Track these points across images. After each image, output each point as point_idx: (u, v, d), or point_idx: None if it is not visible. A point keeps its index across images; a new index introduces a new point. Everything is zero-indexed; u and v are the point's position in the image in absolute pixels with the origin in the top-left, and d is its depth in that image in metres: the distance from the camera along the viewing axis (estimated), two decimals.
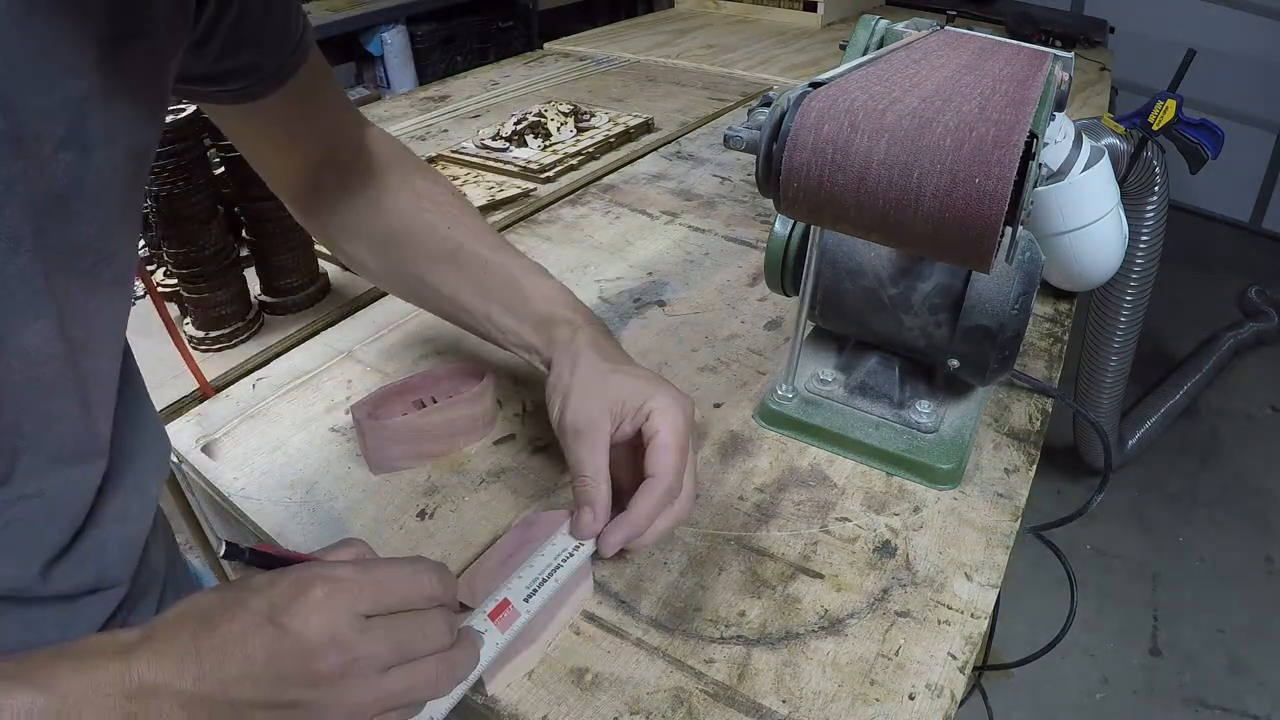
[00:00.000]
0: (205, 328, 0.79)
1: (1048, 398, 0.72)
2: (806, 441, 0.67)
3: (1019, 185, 0.40)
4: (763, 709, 0.47)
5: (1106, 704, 1.51)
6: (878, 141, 0.43)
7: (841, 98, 0.45)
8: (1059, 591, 0.74)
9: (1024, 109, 0.45)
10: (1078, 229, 0.76)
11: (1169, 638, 1.63)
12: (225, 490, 0.63)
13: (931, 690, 0.48)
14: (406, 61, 3.12)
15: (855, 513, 0.60)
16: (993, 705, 1.15)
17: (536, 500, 0.62)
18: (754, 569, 0.56)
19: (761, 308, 0.85)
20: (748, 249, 0.97)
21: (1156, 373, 2.23)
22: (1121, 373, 1.68)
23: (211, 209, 0.75)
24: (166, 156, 0.70)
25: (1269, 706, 1.50)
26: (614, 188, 1.14)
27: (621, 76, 1.64)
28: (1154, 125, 1.04)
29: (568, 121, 1.28)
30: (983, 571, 0.55)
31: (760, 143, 0.47)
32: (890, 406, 0.66)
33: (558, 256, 0.95)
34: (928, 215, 0.43)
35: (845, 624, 0.52)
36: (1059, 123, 0.73)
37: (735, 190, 1.13)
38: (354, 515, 0.60)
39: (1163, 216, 1.38)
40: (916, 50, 0.60)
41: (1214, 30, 2.91)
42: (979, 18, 2.05)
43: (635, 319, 0.84)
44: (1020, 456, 0.66)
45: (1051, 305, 0.86)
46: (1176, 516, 1.91)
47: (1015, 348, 0.61)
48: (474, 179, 1.13)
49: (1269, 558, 1.80)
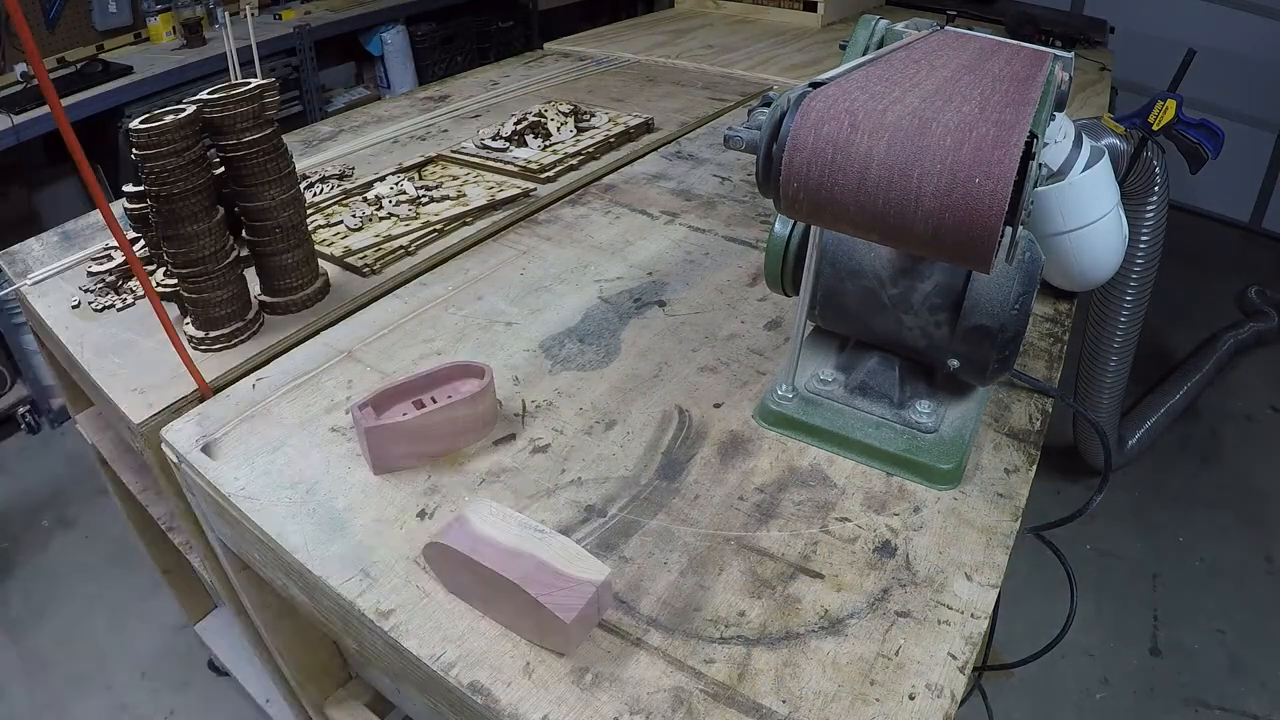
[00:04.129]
0: (205, 328, 0.79)
1: (1048, 398, 0.72)
2: (806, 441, 0.67)
3: (1019, 185, 0.40)
4: (763, 709, 0.47)
5: (1106, 704, 1.51)
6: (878, 141, 0.43)
7: (841, 98, 0.45)
8: (1059, 591, 0.74)
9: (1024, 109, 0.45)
10: (1078, 229, 0.76)
11: (1169, 638, 1.63)
12: (225, 490, 0.63)
13: (931, 690, 0.48)
14: (406, 61, 3.12)
15: (855, 513, 0.60)
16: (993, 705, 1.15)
17: (536, 500, 0.62)
18: (754, 569, 0.56)
19: (761, 308, 0.85)
20: (748, 249, 0.97)
21: (1156, 373, 2.23)
22: (1121, 373, 1.67)
23: (211, 209, 0.75)
24: (166, 156, 0.70)
25: (1269, 706, 1.50)
26: (614, 188, 1.14)
27: (621, 76, 1.64)
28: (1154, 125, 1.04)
29: (568, 121, 1.28)
30: (983, 571, 0.55)
31: (760, 143, 0.47)
32: (890, 406, 0.66)
33: (557, 256, 0.96)
34: (928, 215, 0.43)
35: (845, 624, 0.52)
36: (1059, 123, 0.73)
37: (735, 190, 1.13)
38: (354, 515, 0.60)
39: (1163, 216, 1.38)
40: (916, 50, 0.60)
41: (1214, 30, 2.91)
42: (979, 18, 2.05)
43: (635, 319, 0.84)
44: (1020, 456, 0.66)
45: (1051, 305, 0.86)
46: (1176, 516, 1.91)
47: (1015, 348, 0.61)
48: (474, 179, 1.13)
49: (1269, 558, 1.80)
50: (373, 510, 0.61)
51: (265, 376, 0.76)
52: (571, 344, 0.80)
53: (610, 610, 0.53)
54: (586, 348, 0.79)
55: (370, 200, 1.06)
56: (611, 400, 0.72)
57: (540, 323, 0.83)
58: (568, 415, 0.70)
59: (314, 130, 1.36)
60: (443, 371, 0.68)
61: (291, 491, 0.62)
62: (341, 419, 0.70)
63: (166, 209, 0.72)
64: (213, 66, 2.41)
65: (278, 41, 2.62)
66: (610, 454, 0.66)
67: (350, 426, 0.68)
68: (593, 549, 0.56)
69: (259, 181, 0.78)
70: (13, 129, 2.01)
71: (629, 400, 0.72)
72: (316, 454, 0.66)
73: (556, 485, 0.63)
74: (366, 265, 0.91)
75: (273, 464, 0.65)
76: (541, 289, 0.89)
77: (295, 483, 0.63)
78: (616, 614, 0.53)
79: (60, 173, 2.41)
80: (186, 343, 0.78)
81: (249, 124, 0.75)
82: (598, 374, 0.75)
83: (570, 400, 0.72)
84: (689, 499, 0.62)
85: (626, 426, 0.69)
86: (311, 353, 0.80)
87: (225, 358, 0.78)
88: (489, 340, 0.80)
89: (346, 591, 0.54)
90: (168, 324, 0.69)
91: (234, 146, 0.76)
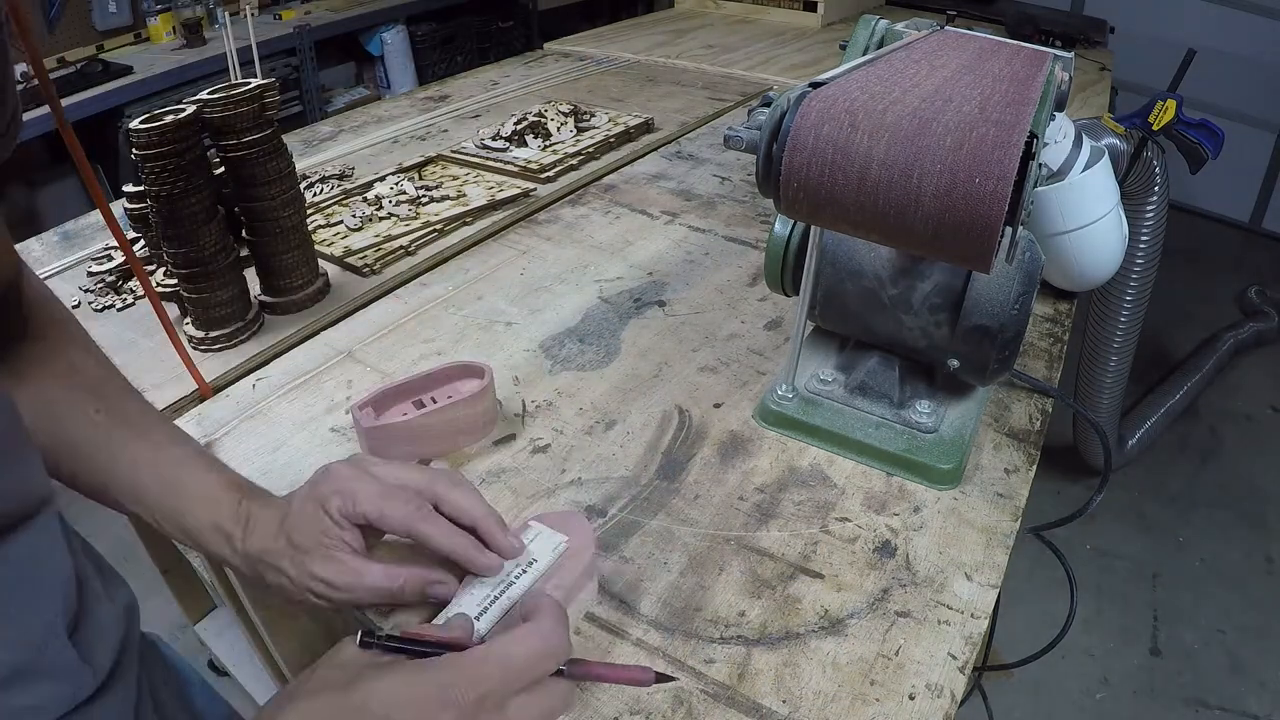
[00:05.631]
0: (205, 328, 0.79)
1: (1048, 398, 0.72)
2: (806, 441, 0.67)
3: (1019, 185, 0.40)
4: (763, 709, 0.47)
5: (1106, 704, 1.51)
6: (878, 141, 0.43)
7: (841, 98, 0.45)
8: (1059, 591, 0.74)
9: (1024, 109, 0.45)
10: (1078, 229, 0.76)
11: (1169, 638, 1.63)
12: None
13: (931, 690, 0.48)
14: (406, 61, 3.12)
15: (855, 513, 0.60)
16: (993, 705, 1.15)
17: (536, 500, 0.62)
18: (754, 569, 0.56)
19: (761, 308, 0.85)
20: (748, 249, 0.97)
21: (1156, 373, 2.23)
22: (1121, 373, 1.68)
23: (211, 209, 0.75)
24: (166, 156, 0.70)
25: (1269, 706, 1.50)
26: (614, 188, 1.14)
27: (621, 76, 1.64)
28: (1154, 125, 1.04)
29: (568, 121, 1.28)
30: (983, 571, 0.55)
31: (760, 143, 0.47)
32: (890, 406, 0.66)
33: (557, 256, 0.96)
34: (928, 215, 0.43)
35: (845, 624, 0.52)
36: (1059, 123, 0.73)
37: (735, 190, 1.13)
38: None
39: (1163, 216, 1.38)
40: (916, 50, 0.60)
41: (1214, 30, 2.91)
42: (979, 18, 2.05)
43: (635, 319, 0.84)
44: (1020, 456, 0.66)
45: (1051, 305, 0.86)
46: (1176, 516, 1.91)
47: (1015, 348, 0.61)
48: (474, 179, 1.13)
49: (1269, 558, 1.80)
50: None
51: (265, 377, 0.76)
52: (571, 344, 0.80)
53: (611, 610, 0.53)
54: (586, 348, 0.79)
55: (370, 200, 1.06)
56: (611, 400, 0.72)
57: (540, 323, 0.83)
58: (568, 415, 0.70)
59: (314, 130, 1.36)
60: (443, 371, 0.68)
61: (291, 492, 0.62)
62: (341, 419, 0.70)
63: (166, 209, 0.72)
64: (213, 66, 2.41)
65: (278, 41, 2.62)
66: (610, 454, 0.66)
67: (350, 426, 0.68)
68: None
69: (259, 181, 0.78)
70: None
71: (629, 400, 0.72)
72: (317, 454, 0.66)
73: (556, 485, 0.63)
74: (366, 265, 0.91)
75: (273, 464, 0.65)
76: (541, 289, 0.89)
77: (295, 483, 0.63)
78: (617, 614, 0.53)
79: (60, 173, 2.41)
80: (186, 343, 0.78)
81: (249, 124, 0.76)
82: (598, 374, 0.75)
83: (570, 400, 0.72)
84: (689, 499, 0.62)
85: (626, 426, 0.69)
86: (311, 353, 0.80)
87: (225, 358, 0.78)
88: (489, 340, 0.80)
89: None
90: (168, 324, 0.69)
91: (234, 146, 0.76)
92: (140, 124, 0.70)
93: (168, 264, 0.79)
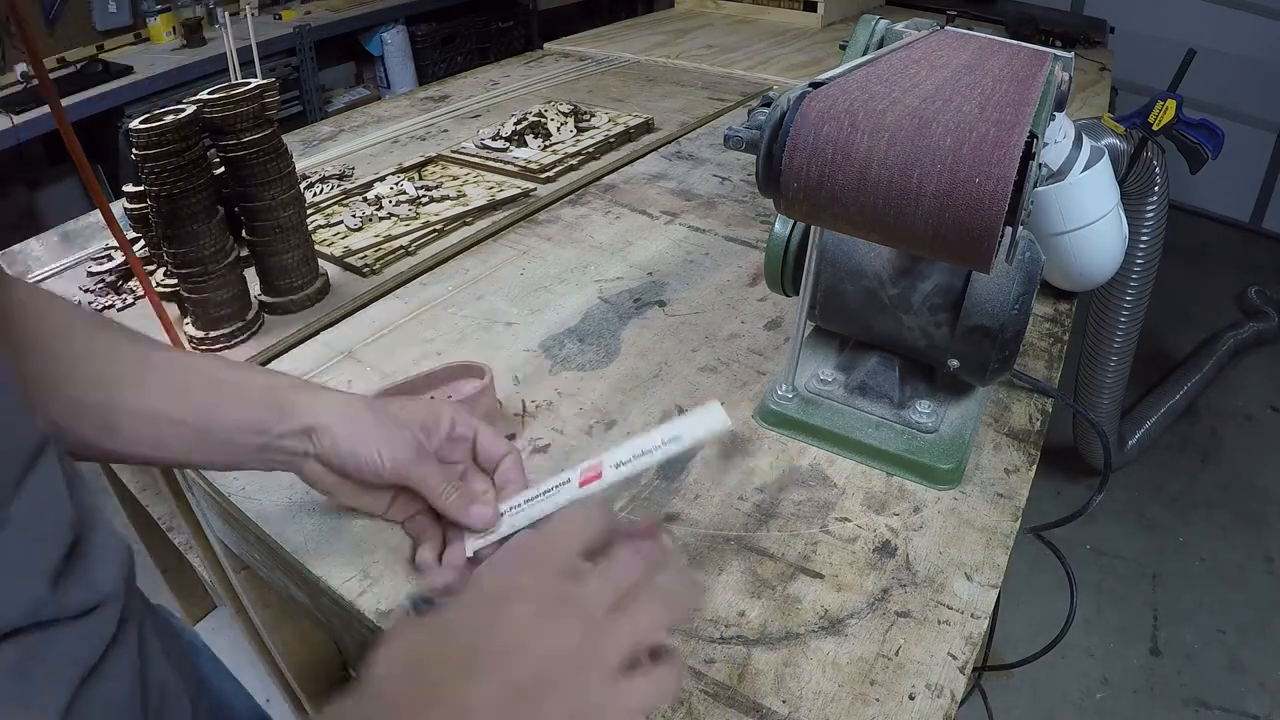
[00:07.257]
0: (205, 328, 0.79)
1: (1048, 398, 0.72)
2: (806, 441, 0.67)
3: (1019, 185, 0.40)
4: (763, 709, 0.47)
5: (1106, 704, 1.51)
6: (878, 141, 0.43)
7: (841, 98, 0.45)
8: (1059, 591, 0.74)
9: (1024, 109, 0.45)
10: (1078, 229, 0.76)
11: (1169, 638, 1.63)
12: (225, 490, 0.63)
13: (931, 690, 0.48)
14: (406, 61, 3.12)
15: (855, 513, 0.60)
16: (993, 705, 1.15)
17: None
18: (754, 569, 0.56)
19: (761, 308, 0.85)
20: (748, 249, 0.97)
21: (1156, 373, 2.23)
22: (1121, 373, 1.67)
23: (211, 209, 0.75)
24: (166, 156, 0.70)
25: (1269, 706, 1.49)
26: (614, 188, 1.14)
27: (621, 76, 1.64)
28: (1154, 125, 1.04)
29: (568, 121, 1.28)
30: (983, 571, 0.55)
31: (760, 143, 0.47)
32: (890, 406, 0.66)
33: (557, 256, 0.96)
34: (928, 215, 0.43)
35: (845, 624, 0.52)
36: (1059, 123, 0.73)
37: (735, 190, 1.13)
38: (354, 515, 0.60)
39: (1163, 216, 1.38)
40: (916, 50, 0.60)
41: (1214, 30, 2.91)
42: (979, 18, 2.05)
43: (635, 319, 0.84)
44: (1020, 456, 0.66)
45: (1051, 305, 0.86)
46: (1176, 516, 1.91)
47: (1015, 348, 0.61)
48: (474, 179, 1.13)
49: (1269, 558, 1.80)
50: None
51: None
52: (571, 344, 0.80)
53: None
54: (586, 348, 0.79)
55: (370, 200, 1.06)
56: (611, 400, 0.72)
57: (540, 323, 0.83)
58: (568, 415, 0.70)
59: (314, 130, 1.36)
60: (443, 372, 0.68)
61: (291, 492, 0.62)
62: None
63: (166, 209, 0.72)
64: (213, 66, 2.41)
65: (278, 41, 2.62)
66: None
67: None
68: None
69: (259, 181, 0.78)
70: (13, 129, 2.01)
71: (629, 400, 0.72)
72: None
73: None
74: (366, 265, 0.91)
75: None
76: (541, 289, 0.89)
77: (295, 483, 0.63)
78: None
79: (60, 173, 2.41)
80: (186, 343, 0.78)
81: (249, 124, 0.76)
82: (598, 374, 0.75)
83: (570, 400, 0.72)
84: (689, 499, 0.62)
85: (626, 426, 0.69)
86: (311, 353, 0.80)
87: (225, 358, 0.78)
88: (489, 340, 0.80)
89: (346, 591, 0.55)
90: (168, 324, 0.69)
91: (234, 146, 0.76)
92: (140, 124, 0.70)
93: (167, 264, 0.79)
